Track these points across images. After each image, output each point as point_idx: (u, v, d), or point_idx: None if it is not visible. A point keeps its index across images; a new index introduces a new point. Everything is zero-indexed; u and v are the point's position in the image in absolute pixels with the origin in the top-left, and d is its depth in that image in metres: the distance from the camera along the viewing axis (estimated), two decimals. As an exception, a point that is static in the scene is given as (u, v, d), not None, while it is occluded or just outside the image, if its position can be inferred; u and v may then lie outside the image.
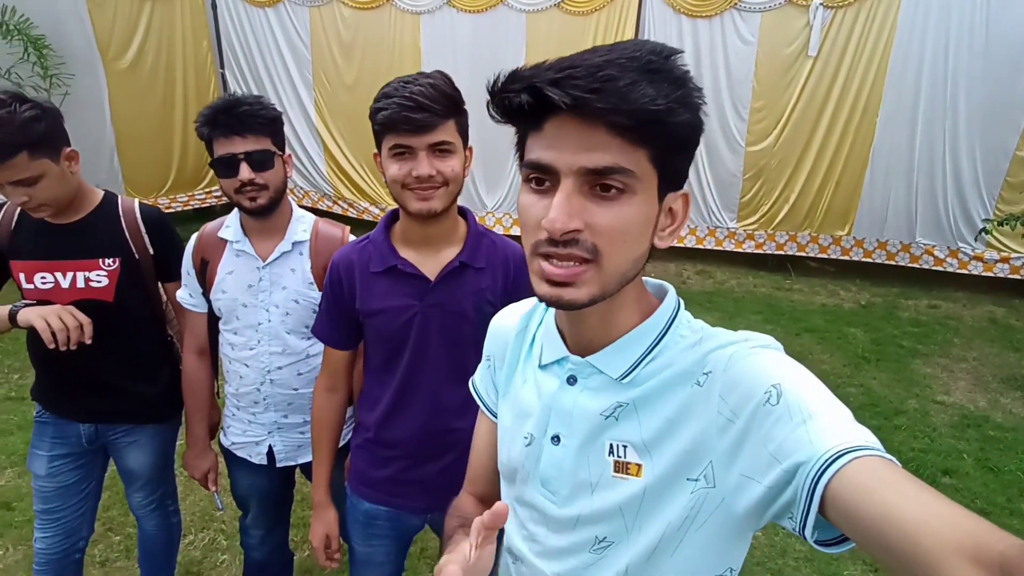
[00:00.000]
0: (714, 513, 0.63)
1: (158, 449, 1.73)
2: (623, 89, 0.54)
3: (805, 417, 0.55)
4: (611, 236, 0.59)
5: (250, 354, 1.49)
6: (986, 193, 5.05)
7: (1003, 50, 4.70)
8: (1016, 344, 4.43)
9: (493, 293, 1.24)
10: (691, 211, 0.68)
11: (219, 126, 1.34)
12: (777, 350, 0.65)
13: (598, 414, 0.69)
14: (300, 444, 1.58)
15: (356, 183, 6.36)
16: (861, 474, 0.50)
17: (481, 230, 1.28)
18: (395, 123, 1.08)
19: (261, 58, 6.16)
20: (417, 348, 1.23)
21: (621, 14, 5.49)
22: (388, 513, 1.36)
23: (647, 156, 0.59)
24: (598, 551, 0.70)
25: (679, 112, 0.57)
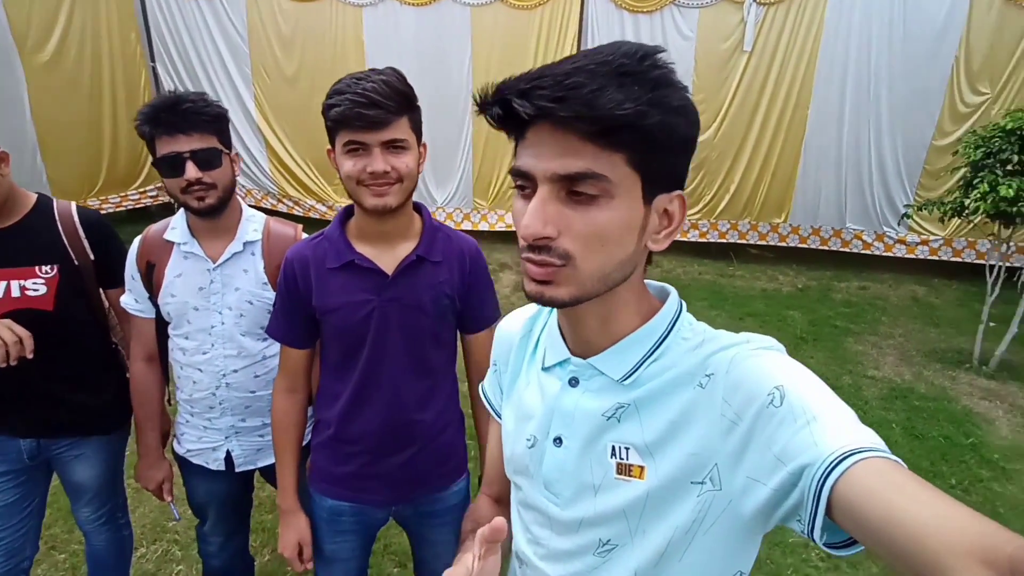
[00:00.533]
0: (721, 516, 0.63)
1: (106, 461, 1.67)
2: (587, 96, 0.55)
3: (809, 419, 0.55)
4: (585, 241, 0.60)
5: (204, 358, 1.45)
6: (907, 181, 5.41)
7: (918, 45, 5.04)
8: (936, 320, 4.78)
9: (451, 286, 1.26)
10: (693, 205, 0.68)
11: (162, 124, 1.30)
12: (779, 352, 0.65)
13: (599, 415, 0.69)
14: (259, 447, 1.55)
15: (301, 180, 6.20)
16: (866, 476, 0.49)
17: (436, 224, 1.29)
18: (348, 119, 1.08)
19: (195, 51, 5.91)
20: (376, 343, 1.23)
21: (565, 9, 5.56)
22: (352, 508, 1.36)
23: (624, 160, 0.58)
24: (602, 554, 0.70)
25: (651, 114, 0.56)
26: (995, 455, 3.03)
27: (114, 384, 1.64)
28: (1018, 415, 3.43)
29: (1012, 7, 4.86)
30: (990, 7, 4.88)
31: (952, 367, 3.97)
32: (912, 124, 5.25)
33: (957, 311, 4.99)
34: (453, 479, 1.41)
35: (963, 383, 3.78)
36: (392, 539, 2.35)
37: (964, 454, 3.03)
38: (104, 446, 1.65)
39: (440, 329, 1.29)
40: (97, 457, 1.64)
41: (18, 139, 5.24)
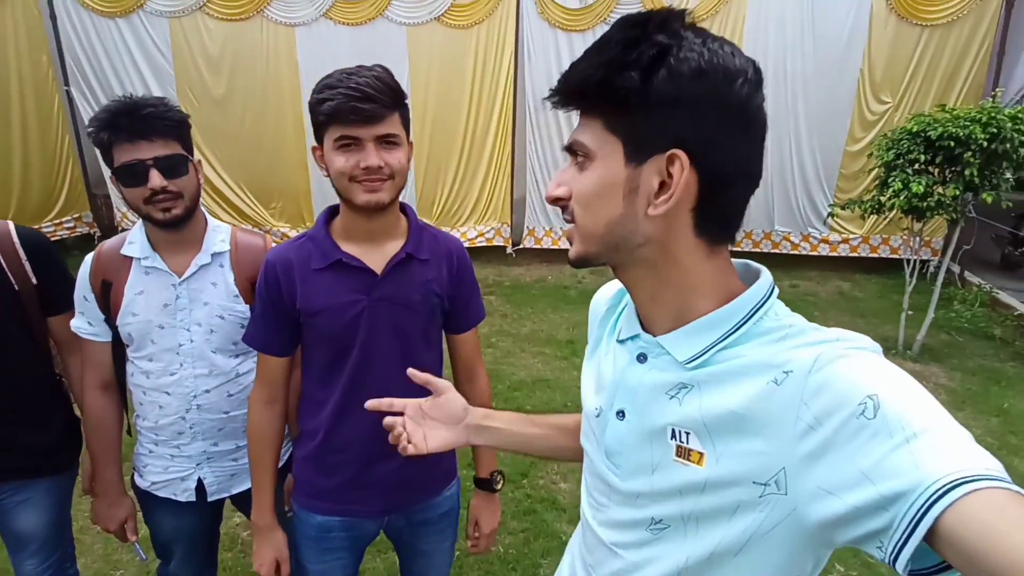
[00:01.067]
0: (783, 522, 0.59)
1: (54, 505, 1.52)
2: (567, 75, 0.63)
3: (909, 436, 0.49)
4: (577, 199, 0.66)
5: (171, 380, 1.36)
6: (826, 184, 5.82)
7: (827, 59, 5.47)
8: (861, 312, 5.13)
9: (439, 284, 1.25)
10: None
11: (121, 130, 1.22)
12: (875, 352, 0.59)
13: (663, 394, 0.67)
14: (233, 472, 1.46)
15: (234, 204, 5.98)
16: (985, 511, 0.45)
17: (421, 224, 1.27)
18: (342, 113, 1.06)
19: (114, 73, 5.61)
20: (366, 344, 1.19)
21: (500, 28, 5.67)
22: (343, 523, 1.30)
23: (602, 125, 0.62)
24: (655, 531, 0.69)
25: (613, 76, 0.58)
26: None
27: (61, 419, 1.51)
28: (943, 393, 3.72)
29: (905, 24, 5.36)
30: (886, 24, 5.37)
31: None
32: (827, 131, 5.67)
33: (879, 302, 5.37)
34: (445, 483, 1.38)
35: (893, 367, 4.05)
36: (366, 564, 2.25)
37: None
38: (52, 488, 1.50)
39: (429, 328, 1.27)
40: (44, 501, 1.49)
41: (-87, 170, 4.80)
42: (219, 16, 5.48)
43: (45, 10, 5.40)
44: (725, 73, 0.58)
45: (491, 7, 5.58)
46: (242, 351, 1.42)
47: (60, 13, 5.42)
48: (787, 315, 0.66)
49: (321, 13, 5.50)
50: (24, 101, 5.42)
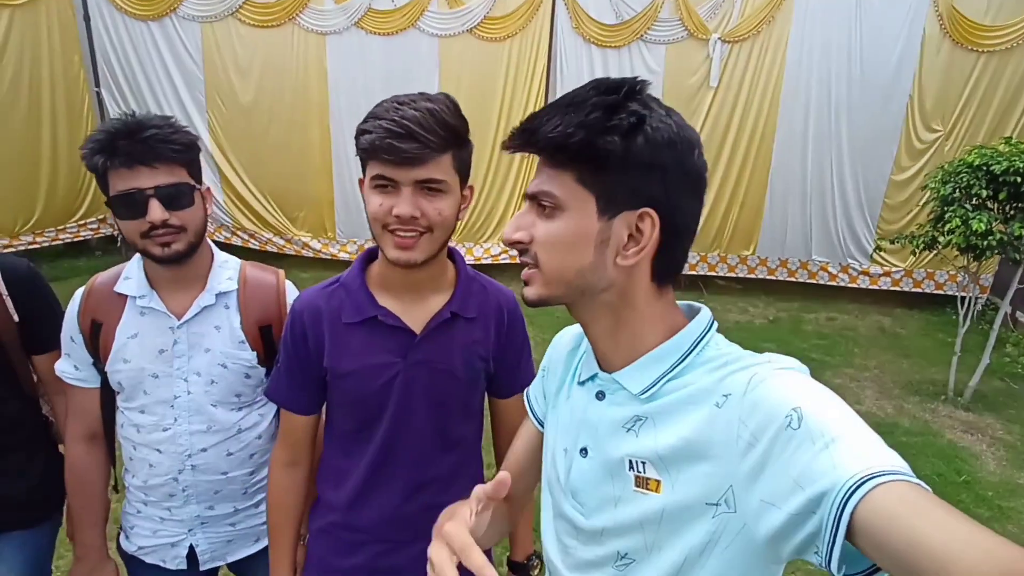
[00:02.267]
0: (735, 539, 0.62)
1: (29, 561, 1.35)
2: (534, 126, 0.65)
3: (827, 442, 0.54)
4: (542, 246, 0.68)
5: (164, 436, 1.20)
6: (868, 214, 5.55)
7: (875, 84, 5.22)
8: (906, 351, 4.83)
9: (485, 347, 1.09)
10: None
11: (119, 154, 1.06)
12: (800, 372, 0.64)
13: (620, 426, 0.71)
14: (230, 539, 1.29)
15: (257, 212, 5.89)
16: (889, 500, 0.49)
17: (471, 274, 1.12)
18: (378, 151, 0.91)
19: (144, 76, 5.57)
20: (398, 413, 1.04)
21: (534, 42, 5.54)
22: None
23: (573, 178, 0.66)
24: (621, 568, 0.71)
25: (575, 135, 0.62)
26: (989, 492, 2.99)
27: (41, 466, 1.34)
28: (1000, 448, 3.44)
29: (959, 50, 5.10)
30: (939, 49, 5.12)
31: (930, 399, 3.98)
32: (871, 159, 5.41)
33: (923, 341, 5.08)
34: None
35: (943, 416, 3.78)
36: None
37: (959, 492, 2.98)
38: (27, 543, 1.33)
39: (470, 398, 1.10)
40: (18, 557, 1.32)
41: (-58, 168, 4.79)
42: (251, 22, 5.42)
43: (79, 11, 5.39)
44: (688, 143, 0.66)
45: (525, 20, 5.45)
46: (245, 403, 1.25)
47: (94, 14, 5.40)
48: (726, 345, 0.72)
49: (353, 22, 5.41)
50: (55, 100, 5.40)
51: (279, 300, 1.27)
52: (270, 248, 5.92)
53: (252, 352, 1.23)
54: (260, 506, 1.32)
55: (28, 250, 5.51)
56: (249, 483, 1.28)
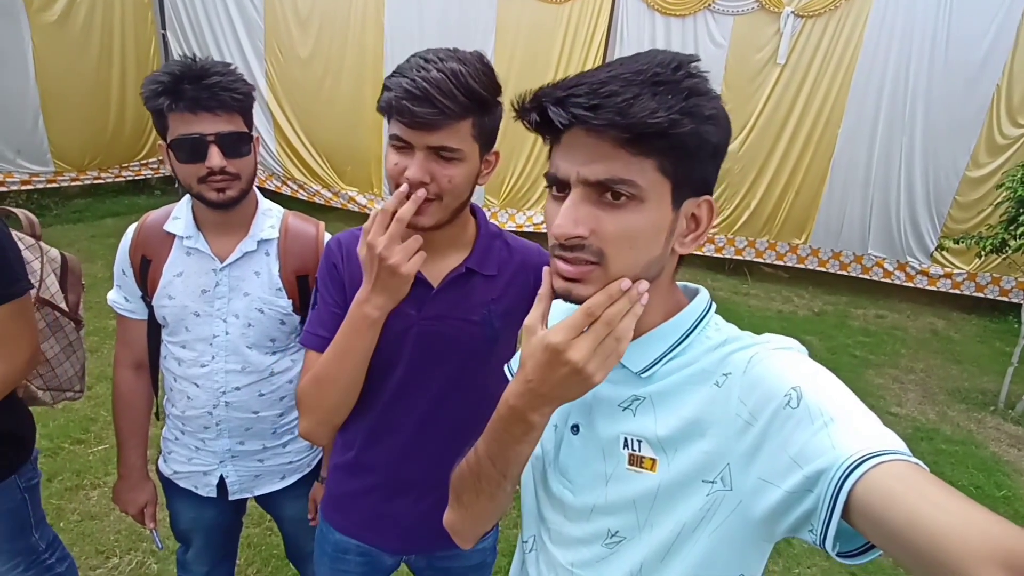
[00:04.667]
0: (730, 516, 0.62)
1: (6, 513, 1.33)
2: (621, 104, 0.57)
3: (826, 421, 0.54)
4: (616, 242, 0.62)
5: (202, 372, 1.26)
6: (936, 211, 5.23)
7: (958, 71, 4.86)
8: (957, 356, 4.62)
9: (505, 304, 1.07)
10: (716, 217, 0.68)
11: (184, 98, 1.09)
12: (799, 352, 0.65)
13: (616, 405, 0.70)
14: (257, 474, 1.37)
15: (307, 163, 6.00)
16: (886, 479, 0.49)
17: (494, 231, 1.10)
18: (394, 111, 0.89)
19: (208, 22, 5.68)
20: (410, 366, 1.05)
21: (595, 7, 5.37)
22: (359, 548, 1.17)
23: (654, 166, 0.60)
24: (610, 545, 0.70)
25: (682, 123, 0.58)
26: (1028, 510, 2.87)
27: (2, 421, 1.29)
28: (1049, 467, 3.28)
29: (1060, 38, 4.69)
30: (1037, 37, 4.71)
31: (977, 409, 3.81)
32: (946, 152, 5.07)
33: (978, 348, 4.83)
34: None
35: (990, 427, 3.61)
36: None
37: (997, 507, 2.86)
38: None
39: (489, 355, 1.08)
40: None
41: (19, 102, 5.03)
42: (313, -27, 5.43)
43: (151, -47, 5.51)
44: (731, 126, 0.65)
45: (588, -17, 5.28)
46: (279, 348, 1.30)
47: (164, -43, 5.52)
48: (725, 325, 0.72)
49: (413, -23, 5.35)
50: (125, 41, 5.58)
51: (317, 251, 1.30)
52: (317, 200, 6.04)
53: (288, 300, 1.27)
54: (288, 446, 1.38)
55: (92, 184, 5.80)
56: (278, 424, 1.34)
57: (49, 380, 1.41)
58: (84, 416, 2.86)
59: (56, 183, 5.48)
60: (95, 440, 2.72)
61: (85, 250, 4.67)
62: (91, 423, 2.82)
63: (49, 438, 2.66)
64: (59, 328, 1.40)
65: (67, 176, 5.51)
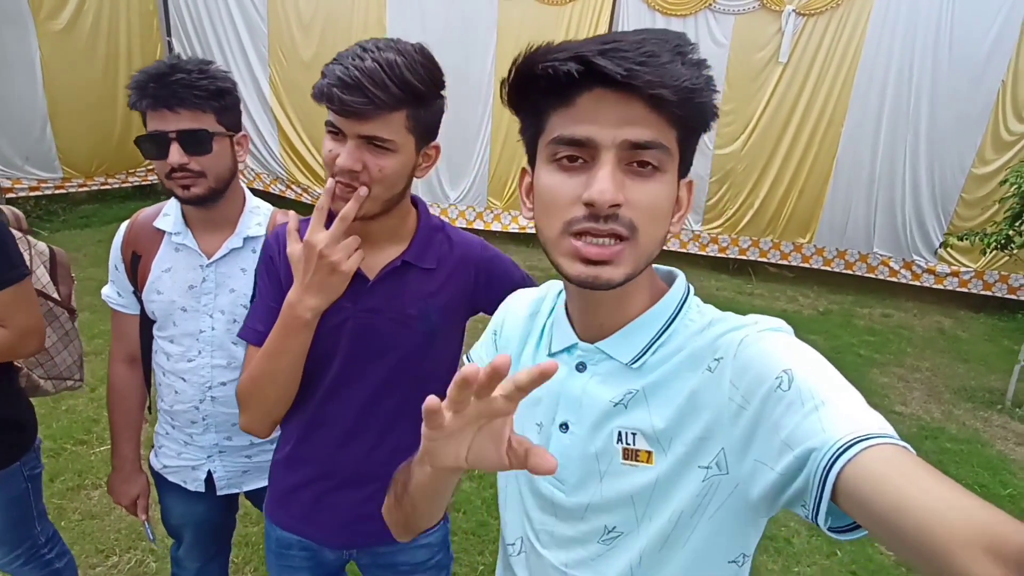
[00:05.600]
0: (727, 500, 0.62)
1: (9, 500, 1.39)
2: (665, 65, 0.56)
3: (817, 404, 0.54)
4: (647, 213, 0.60)
5: (188, 366, 1.28)
6: (941, 209, 5.19)
7: (963, 68, 4.82)
8: (964, 355, 4.57)
9: (444, 298, 1.06)
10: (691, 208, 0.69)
11: (148, 95, 1.11)
12: (787, 333, 0.64)
13: (607, 401, 0.68)
14: (245, 469, 1.38)
15: (312, 167, 6.04)
16: (875, 463, 0.49)
17: (435, 224, 1.09)
18: (325, 98, 0.89)
19: (212, 28, 5.75)
20: (346, 359, 1.03)
21: (595, 7, 5.38)
22: (301, 543, 1.16)
23: (676, 136, 0.60)
24: (607, 542, 0.69)
25: (706, 93, 0.58)
26: (1034, 509, 2.83)
27: (6, 408, 1.36)
28: (1056, 466, 3.23)
29: (1065, 33, 4.64)
30: (1042, 32, 4.67)
31: (984, 407, 3.76)
32: (951, 149, 5.03)
33: (986, 346, 4.77)
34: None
35: (996, 426, 3.57)
36: None
37: (1003, 505, 2.76)
38: (3, 483, 1.37)
39: (428, 348, 1.07)
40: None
41: (27, 108, 5.11)
42: (315, -23, 5.47)
43: (155, -39, 5.59)
44: None
45: (589, -16, 5.29)
46: (266, 344, 1.31)
47: (168, -36, 5.59)
48: (704, 306, 0.71)
49: (414, -20, 5.39)
50: (131, 48, 5.65)
51: None
52: (322, 203, 6.08)
53: (274, 296, 1.28)
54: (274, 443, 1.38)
55: (100, 190, 5.86)
56: (266, 419, 1.35)
57: (49, 369, 1.45)
58: (87, 417, 2.89)
59: (64, 189, 5.55)
60: (97, 441, 2.75)
61: (92, 255, 4.72)
62: (94, 424, 2.85)
63: (52, 439, 2.69)
64: (54, 318, 1.43)
65: (75, 182, 5.59)
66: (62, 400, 2.96)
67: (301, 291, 0.93)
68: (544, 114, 0.62)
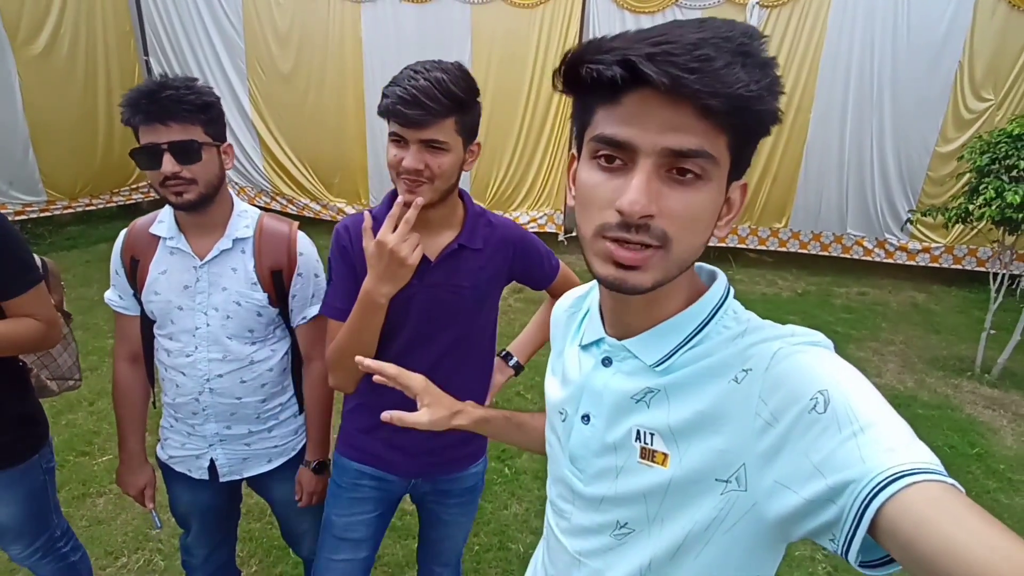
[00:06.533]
0: (744, 518, 0.60)
1: (21, 497, 1.47)
2: (720, 71, 0.52)
3: (856, 430, 0.51)
4: (683, 223, 0.57)
5: (187, 361, 1.37)
6: (910, 187, 5.36)
7: (921, 50, 5.00)
8: (936, 327, 4.73)
9: (492, 272, 1.29)
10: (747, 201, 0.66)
11: (140, 112, 1.23)
12: (826, 348, 0.61)
13: (628, 397, 0.68)
14: (245, 457, 1.47)
15: (295, 178, 6.12)
16: (920, 503, 0.46)
17: (478, 211, 1.29)
18: (391, 114, 1.10)
19: (189, 45, 5.82)
20: (416, 328, 1.24)
21: (566, 8, 5.50)
22: (375, 474, 1.37)
23: (726, 143, 0.57)
24: (619, 536, 0.70)
25: (767, 99, 0.54)
26: (1001, 465, 2.97)
27: (17, 408, 1.44)
28: (1022, 424, 3.38)
29: (1016, 13, 4.82)
30: (994, 13, 4.85)
31: (955, 375, 3.92)
32: (915, 130, 5.21)
33: (957, 318, 4.95)
34: (472, 461, 1.43)
35: (966, 392, 3.73)
36: (385, 550, 2.27)
37: (970, 464, 2.97)
38: (15, 480, 1.45)
39: (478, 312, 1.30)
40: (9, 493, 1.45)
41: (9, 133, 5.15)
42: (289, -9, 5.56)
43: (130, -18, 5.64)
44: None
45: (558, -14, 5.42)
46: (258, 339, 1.41)
47: (143, -15, 5.65)
48: (743, 312, 0.68)
49: (387, -10, 5.49)
50: (109, 69, 5.69)
51: (290, 248, 1.42)
52: (307, 214, 6.16)
53: (264, 294, 1.38)
54: (273, 431, 1.49)
55: (85, 211, 5.91)
56: (261, 409, 1.45)
57: (53, 370, 1.57)
58: (88, 430, 2.96)
59: (49, 212, 5.59)
60: (99, 452, 2.82)
61: (81, 275, 4.78)
62: (95, 436, 2.92)
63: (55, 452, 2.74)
64: None
65: (59, 204, 5.63)
66: (62, 414, 3.03)
67: (376, 280, 1.11)
68: (592, 108, 0.60)
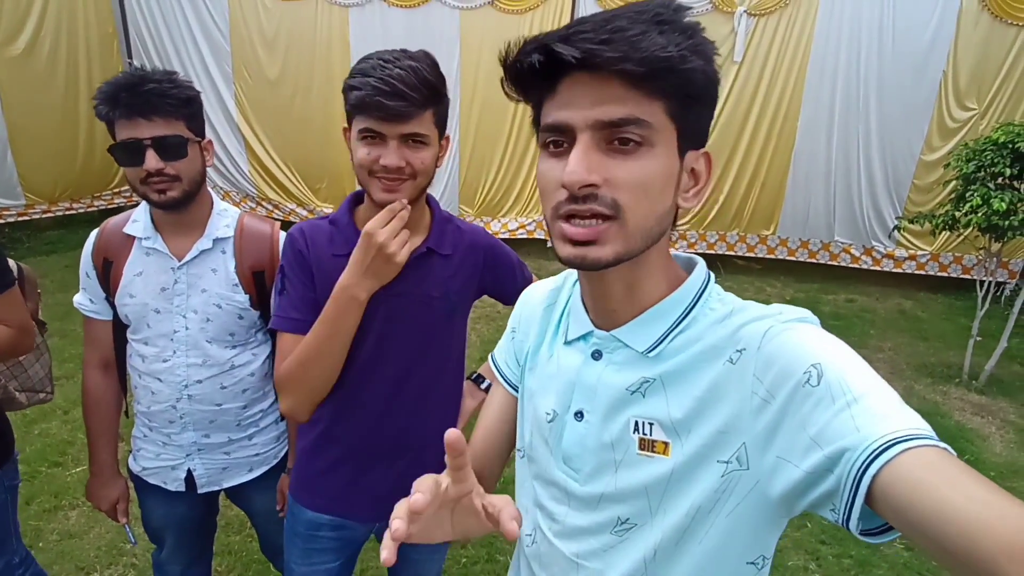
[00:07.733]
0: (747, 497, 0.60)
1: None
2: (633, 38, 0.54)
3: (849, 400, 0.52)
4: (631, 190, 0.58)
5: (164, 367, 1.31)
6: (895, 195, 5.40)
7: (906, 60, 5.05)
8: (924, 334, 4.75)
9: (462, 280, 1.19)
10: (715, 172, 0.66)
11: (120, 105, 1.16)
12: (814, 324, 0.62)
13: (623, 389, 0.67)
14: (224, 466, 1.41)
15: (281, 183, 6.04)
16: (915, 467, 0.47)
17: (446, 216, 1.21)
18: (367, 107, 0.99)
19: (174, 48, 5.73)
20: (381, 338, 1.14)
21: (555, 14, 5.50)
22: (332, 522, 1.24)
23: (663, 108, 0.58)
24: (620, 533, 0.68)
25: (691, 59, 0.56)
26: (991, 472, 2.97)
27: None
28: (1010, 431, 3.39)
29: (999, 23, 4.89)
30: (977, 23, 4.92)
31: (942, 382, 3.93)
32: (901, 138, 5.25)
33: (944, 325, 4.97)
34: None
35: (954, 398, 3.73)
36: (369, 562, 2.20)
37: (961, 471, 2.96)
38: None
39: (448, 323, 1.20)
40: None
41: (-14, 135, 5.03)
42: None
43: (113, -17, 5.56)
44: None
45: (547, -7, 5.42)
46: (239, 342, 1.35)
47: (127, -13, 5.57)
48: (726, 295, 0.69)
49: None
50: (91, 72, 5.59)
51: (272, 248, 1.36)
52: (293, 219, 6.07)
53: (245, 295, 1.33)
54: (253, 438, 1.42)
55: (64, 215, 5.78)
56: (242, 416, 1.39)
57: (23, 381, 1.48)
58: (61, 440, 2.86)
59: (27, 216, 5.46)
60: (72, 462, 2.72)
61: (59, 280, 4.66)
62: (68, 446, 2.82)
63: (27, 462, 2.66)
64: None
65: (38, 208, 5.51)
66: (36, 423, 2.93)
67: (360, 275, 1.04)
68: (539, 105, 0.63)
